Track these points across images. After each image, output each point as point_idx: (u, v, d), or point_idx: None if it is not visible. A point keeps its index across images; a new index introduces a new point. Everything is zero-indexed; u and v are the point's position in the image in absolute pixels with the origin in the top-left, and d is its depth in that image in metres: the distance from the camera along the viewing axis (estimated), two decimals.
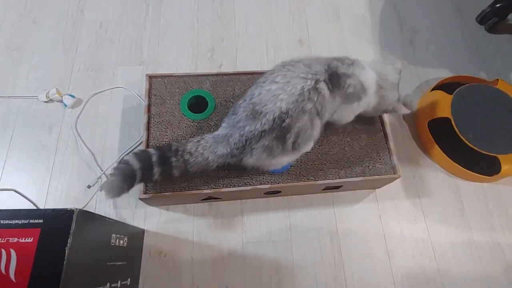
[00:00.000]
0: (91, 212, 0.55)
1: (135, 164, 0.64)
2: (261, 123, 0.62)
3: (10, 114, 0.95)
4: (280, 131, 0.62)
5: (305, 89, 0.61)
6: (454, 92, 0.96)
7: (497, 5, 1.16)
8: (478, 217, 0.93)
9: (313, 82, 0.62)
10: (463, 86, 0.98)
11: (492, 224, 0.92)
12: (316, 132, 0.68)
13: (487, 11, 1.19)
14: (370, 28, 1.19)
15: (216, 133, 0.69)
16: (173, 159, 0.66)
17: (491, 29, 1.21)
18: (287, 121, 0.61)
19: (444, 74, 1.12)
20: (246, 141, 0.63)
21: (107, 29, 1.10)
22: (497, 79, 1.03)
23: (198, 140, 0.68)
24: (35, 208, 0.61)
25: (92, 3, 1.14)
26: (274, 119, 0.61)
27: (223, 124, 0.69)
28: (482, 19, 1.21)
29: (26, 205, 0.59)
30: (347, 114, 0.75)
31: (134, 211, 0.86)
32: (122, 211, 0.86)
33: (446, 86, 1.02)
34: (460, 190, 0.96)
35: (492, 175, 0.92)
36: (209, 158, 0.67)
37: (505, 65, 1.16)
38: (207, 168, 0.69)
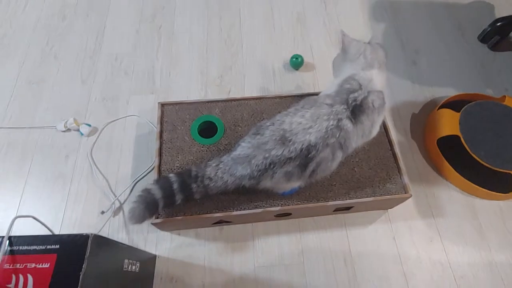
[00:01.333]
0: (105, 237, 0.56)
1: (157, 193, 0.68)
2: (289, 150, 0.64)
3: (29, 144, 1.00)
4: (305, 160, 0.65)
5: (329, 128, 0.65)
6: (462, 110, 0.97)
7: (498, 24, 1.17)
8: (496, 235, 0.90)
9: (335, 122, 0.65)
10: (470, 103, 0.99)
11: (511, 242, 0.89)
12: (335, 164, 0.70)
13: (488, 30, 1.20)
14: None
15: (235, 153, 0.69)
16: (194, 185, 0.69)
17: (494, 47, 1.21)
18: (313, 153, 0.64)
19: (449, 92, 1.12)
20: (270, 164, 0.64)
21: (122, 61, 1.16)
22: (504, 96, 1.03)
23: (216, 164, 0.70)
24: (52, 234, 0.62)
25: (109, 37, 1.22)
26: (301, 149, 0.63)
27: (243, 144, 0.68)
28: (484, 38, 1.22)
29: (42, 232, 0.60)
30: (379, 123, 0.75)
31: (146, 236, 0.87)
32: (134, 236, 0.87)
33: (453, 104, 1.02)
34: (475, 209, 0.94)
35: (507, 193, 0.90)
36: (228, 181, 0.69)
37: (511, 81, 1.16)
38: (225, 191, 0.71)
